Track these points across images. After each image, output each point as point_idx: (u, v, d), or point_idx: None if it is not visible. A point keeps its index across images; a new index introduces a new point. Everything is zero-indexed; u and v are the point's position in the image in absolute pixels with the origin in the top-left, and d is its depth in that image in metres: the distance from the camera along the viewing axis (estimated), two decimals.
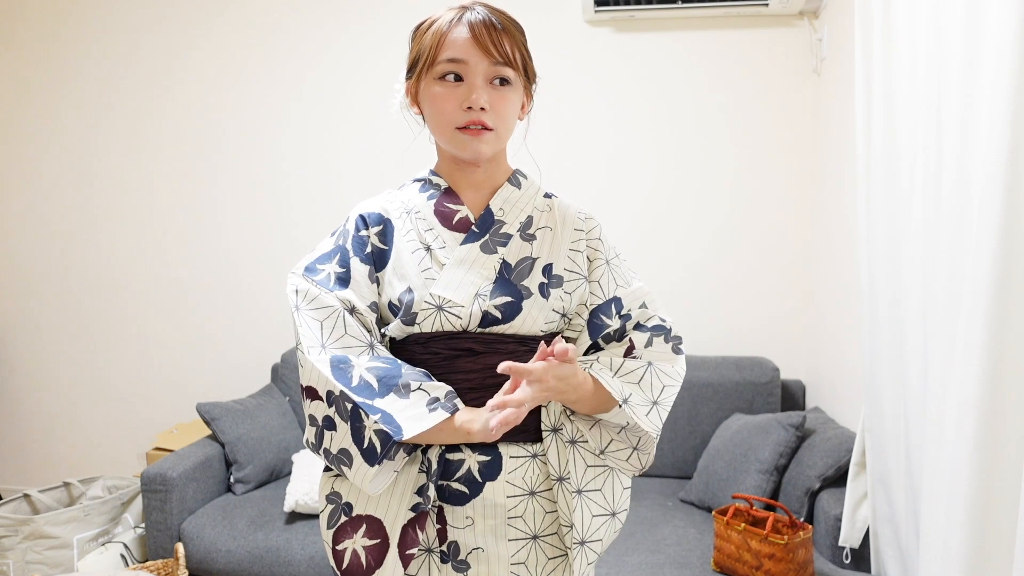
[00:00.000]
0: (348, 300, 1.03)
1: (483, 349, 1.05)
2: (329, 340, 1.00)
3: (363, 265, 1.06)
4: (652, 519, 2.19)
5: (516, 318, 1.05)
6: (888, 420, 1.75)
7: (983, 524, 1.21)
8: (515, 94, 1.06)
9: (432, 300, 1.03)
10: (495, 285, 1.05)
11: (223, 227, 3.02)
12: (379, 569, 0.99)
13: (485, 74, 1.02)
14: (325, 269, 1.05)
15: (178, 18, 2.97)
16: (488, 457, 1.04)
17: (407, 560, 1.00)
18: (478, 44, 1.00)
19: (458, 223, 1.09)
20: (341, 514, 1.02)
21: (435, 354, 1.05)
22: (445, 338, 1.04)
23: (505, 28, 1.02)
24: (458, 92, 1.02)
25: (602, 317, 1.10)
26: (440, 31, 1.02)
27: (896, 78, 1.65)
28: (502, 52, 1.01)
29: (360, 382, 0.97)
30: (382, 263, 1.07)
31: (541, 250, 1.09)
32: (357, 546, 1.00)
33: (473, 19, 1.01)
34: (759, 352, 2.72)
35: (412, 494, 1.02)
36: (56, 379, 3.19)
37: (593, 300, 1.11)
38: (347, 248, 1.07)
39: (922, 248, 1.51)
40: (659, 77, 2.73)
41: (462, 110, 1.02)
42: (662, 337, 1.12)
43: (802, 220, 2.69)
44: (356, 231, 1.08)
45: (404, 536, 1.01)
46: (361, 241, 1.07)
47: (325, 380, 0.97)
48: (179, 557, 2.16)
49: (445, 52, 1.01)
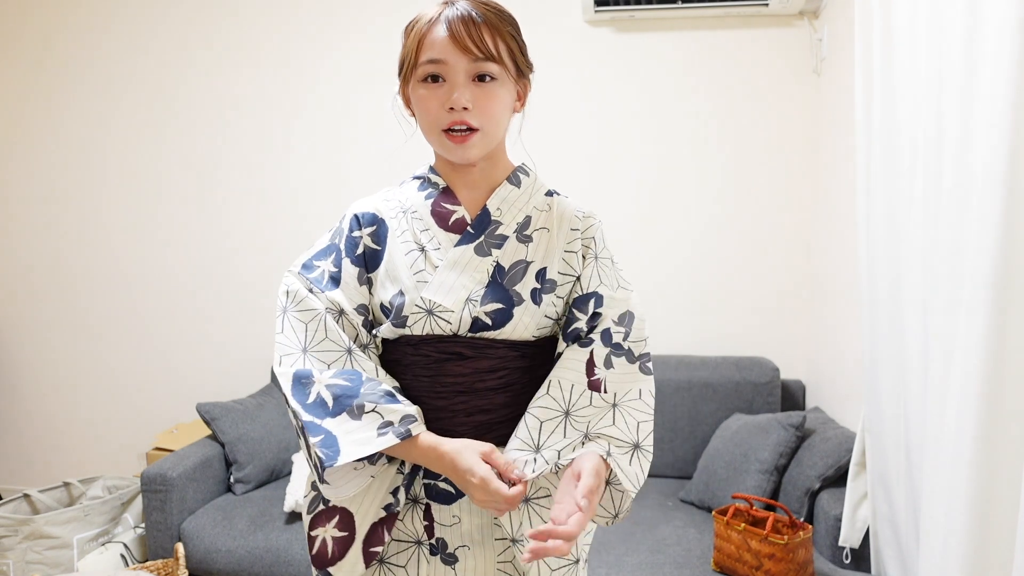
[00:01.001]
0: (337, 302, 1.03)
1: (472, 353, 1.03)
2: (311, 343, 1.00)
3: (353, 267, 1.06)
4: (652, 519, 2.19)
5: (507, 324, 1.03)
6: (888, 420, 1.75)
7: (983, 524, 1.21)
8: (501, 89, 1.02)
9: (422, 304, 1.01)
10: (487, 289, 1.03)
11: (223, 227, 3.02)
12: (341, 560, 1.02)
13: (467, 72, 0.99)
14: (320, 267, 1.06)
15: (184, 17, 2.97)
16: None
17: (369, 557, 1.03)
18: (456, 42, 0.97)
19: (454, 224, 1.07)
20: (320, 503, 1.04)
21: (425, 356, 1.04)
22: (435, 341, 1.03)
23: (487, 20, 0.99)
24: (440, 93, 0.99)
25: (574, 311, 1.06)
26: (420, 31, 1.00)
27: (896, 78, 1.65)
28: (482, 48, 0.98)
29: (316, 399, 0.97)
30: (375, 264, 1.06)
31: (536, 253, 1.06)
32: (327, 535, 1.02)
33: (451, 15, 0.98)
34: (759, 352, 2.72)
35: (387, 493, 1.04)
36: (56, 379, 3.19)
37: (573, 294, 1.08)
38: (340, 248, 1.07)
39: (922, 248, 1.51)
40: (659, 77, 2.73)
41: (445, 111, 0.99)
42: (623, 357, 1.05)
43: (802, 220, 2.69)
44: (349, 231, 1.08)
45: (371, 533, 1.03)
46: (353, 242, 1.07)
47: (286, 393, 0.98)
48: (179, 557, 2.16)
49: (425, 53, 0.99)
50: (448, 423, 1.04)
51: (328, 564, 1.02)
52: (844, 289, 2.36)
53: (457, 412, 1.04)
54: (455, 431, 1.03)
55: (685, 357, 2.64)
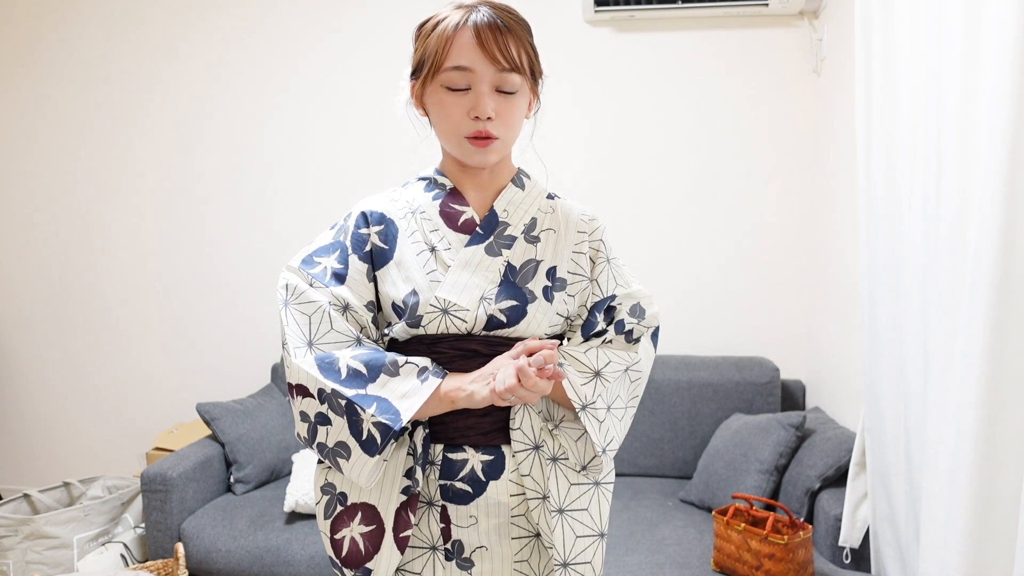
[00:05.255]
0: (343, 297, 1.03)
1: (488, 351, 1.05)
2: (316, 336, 1.00)
3: (361, 263, 1.06)
4: (652, 519, 2.19)
5: (521, 322, 1.05)
6: (888, 420, 1.75)
7: (983, 524, 1.21)
8: (522, 99, 1.05)
9: (437, 303, 1.02)
10: (500, 288, 1.05)
11: (223, 227, 3.02)
12: (377, 554, 1.01)
13: (491, 82, 1.00)
14: (322, 263, 1.05)
15: (166, 16, 2.96)
16: (491, 456, 1.05)
17: (402, 543, 1.02)
18: (484, 51, 0.98)
19: (463, 224, 1.08)
20: (337, 504, 1.03)
21: (440, 355, 1.05)
22: (451, 340, 1.05)
23: (511, 29, 1.00)
24: (465, 101, 1.00)
25: (596, 314, 1.12)
26: (446, 35, 0.99)
27: (896, 78, 1.65)
28: (508, 58, 0.99)
29: (348, 372, 0.97)
30: (382, 262, 1.07)
31: (545, 252, 1.09)
32: (354, 533, 1.01)
33: (479, 21, 0.99)
34: (759, 352, 2.72)
35: (402, 477, 1.03)
36: (56, 379, 3.19)
37: (592, 298, 1.13)
38: (346, 245, 1.07)
39: (922, 248, 1.51)
40: (659, 77, 2.73)
41: (469, 119, 1.01)
42: (623, 336, 1.14)
43: (802, 220, 2.69)
44: (356, 228, 1.08)
45: (398, 520, 1.02)
46: (360, 239, 1.07)
47: (314, 379, 0.97)
48: (179, 557, 2.16)
49: (451, 59, 0.99)
50: (463, 420, 1.05)
51: (364, 561, 1.00)
52: (844, 289, 2.36)
53: (471, 410, 1.04)
54: (469, 428, 1.05)
55: (685, 357, 2.64)
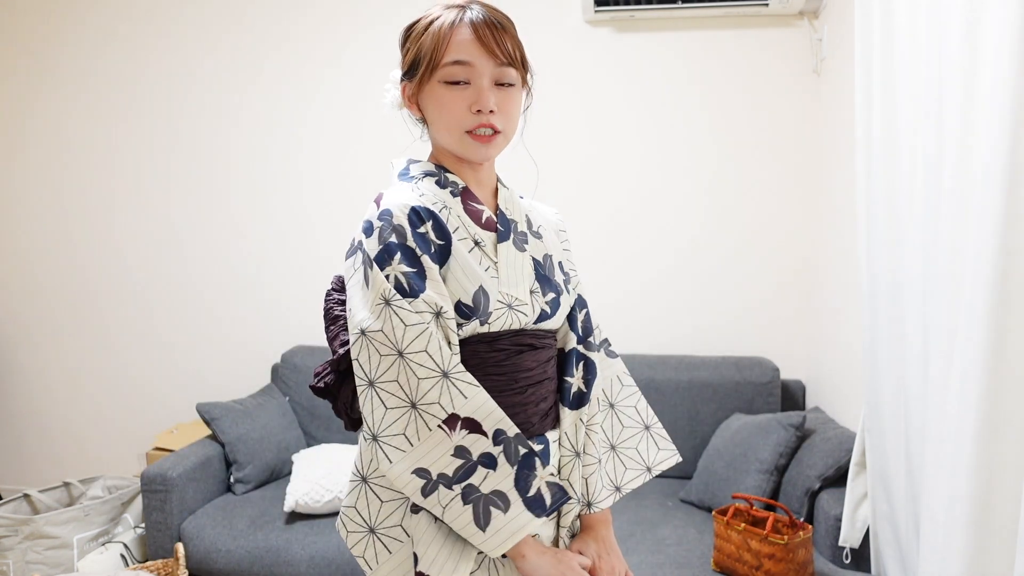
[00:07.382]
0: (435, 303, 0.95)
1: (540, 344, 1.07)
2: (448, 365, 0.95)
3: (433, 264, 0.98)
4: (652, 519, 2.19)
5: (557, 312, 1.08)
6: (888, 420, 1.75)
7: (983, 524, 1.21)
8: (519, 94, 1.06)
9: (504, 299, 1.02)
10: (538, 282, 1.07)
11: (223, 227, 3.02)
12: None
13: (491, 76, 1.00)
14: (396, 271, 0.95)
15: (193, 19, 2.96)
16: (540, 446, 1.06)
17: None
18: (483, 45, 0.99)
19: (486, 222, 1.07)
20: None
21: (501, 351, 1.03)
22: (511, 335, 1.04)
23: (504, 26, 1.01)
24: (466, 95, 1.00)
25: (575, 308, 1.15)
26: (442, 32, 0.99)
27: (896, 78, 1.65)
28: (505, 52, 1.00)
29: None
30: (444, 259, 1.00)
31: (550, 247, 1.12)
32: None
33: (475, 18, 0.99)
34: (759, 352, 2.72)
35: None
36: (56, 379, 3.19)
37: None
38: (409, 245, 0.97)
39: (922, 248, 1.51)
40: (659, 77, 2.73)
41: (471, 113, 1.00)
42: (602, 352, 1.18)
43: (802, 220, 2.69)
44: (413, 227, 0.98)
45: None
46: (423, 238, 0.98)
47: (496, 418, 0.93)
48: (179, 557, 2.16)
49: (450, 55, 0.99)
50: (523, 416, 1.03)
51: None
52: (844, 289, 2.36)
53: (528, 404, 1.05)
54: (531, 424, 1.04)
55: (685, 357, 2.64)
